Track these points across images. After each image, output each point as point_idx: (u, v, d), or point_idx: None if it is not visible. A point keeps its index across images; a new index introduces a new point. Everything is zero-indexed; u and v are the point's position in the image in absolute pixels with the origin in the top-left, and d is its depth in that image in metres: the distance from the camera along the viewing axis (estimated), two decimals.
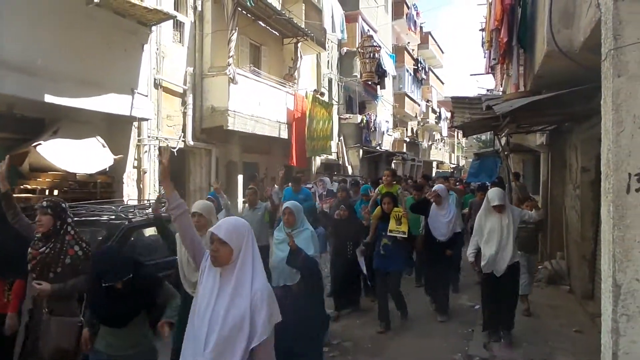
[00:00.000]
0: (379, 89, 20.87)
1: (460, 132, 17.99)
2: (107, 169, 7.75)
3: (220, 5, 10.38)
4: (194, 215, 3.94)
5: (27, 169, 6.85)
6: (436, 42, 34.14)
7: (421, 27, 30.18)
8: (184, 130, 9.97)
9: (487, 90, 17.77)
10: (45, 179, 6.79)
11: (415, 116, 27.83)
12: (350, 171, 18.15)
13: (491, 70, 12.31)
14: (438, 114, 32.89)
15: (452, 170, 39.43)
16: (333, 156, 17.29)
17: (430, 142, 34.03)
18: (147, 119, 8.74)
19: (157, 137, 9.20)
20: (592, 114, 5.30)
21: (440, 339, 5.53)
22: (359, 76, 18.86)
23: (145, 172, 8.85)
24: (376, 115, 20.75)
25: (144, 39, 8.46)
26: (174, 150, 9.59)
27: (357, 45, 18.69)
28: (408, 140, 26.99)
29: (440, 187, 6.44)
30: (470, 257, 5.27)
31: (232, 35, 10.05)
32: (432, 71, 33.25)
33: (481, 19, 14.43)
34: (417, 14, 27.72)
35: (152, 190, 9.02)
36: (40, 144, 6.67)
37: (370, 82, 19.48)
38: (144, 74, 8.52)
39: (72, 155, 6.99)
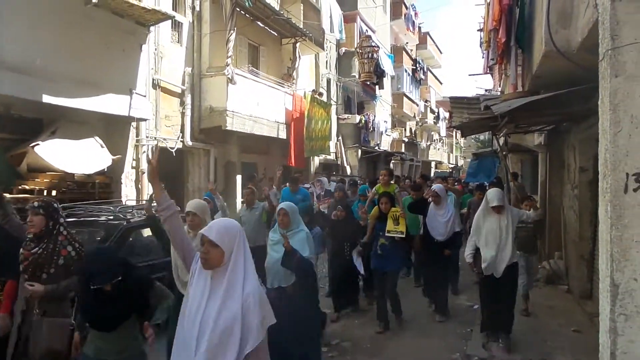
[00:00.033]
0: (378, 89, 20.88)
1: (459, 132, 18.00)
2: (106, 170, 7.74)
3: (218, 5, 10.38)
4: (188, 214, 3.92)
5: (25, 170, 6.84)
6: (434, 43, 34.18)
7: (419, 28, 30.21)
8: (182, 131, 9.96)
9: (485, 90, 17.80)
10: (44, 180, 6.78)
11: (414, 116, 27.85)
12: (349, 171, 18.16)
13: (489, 70, 12.33)
14: (436, 114, 32.92)
15: (450, 170, 39.48)
16: (332, 156, 17.29)
17: (429, 142, 34.05)
18: (145, 119, 8.73)
19: (155, 138, 9.19)
20: (590, 114, 5.30)
21: (439, 338, 5.53)
22: (357, 76, 18.87)
23: (144, 173, 8.83)
24: (375, 116, 20.76)
25: (142, 39, 8.45)
26: (173, 150, 9.60)
27: (355, 46, 18.69)
28: (406, 140, 27.00)
29: (438, 186, 6.44)
30: (468, 257, 5.23)
31: (231, 36, 10.05)
32: (431, 71, 33.29)
33: (479, 19, 14.45)
34: (416, 14, 27.74)
35: (150, 190, 8.99)
36: (38, 144, 6.66)
37: (368, 82, 19.48)
38: (142, 74, 8.52)
39: (70, 155, 6.98)
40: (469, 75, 45.54)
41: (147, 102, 8.72)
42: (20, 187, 6.64)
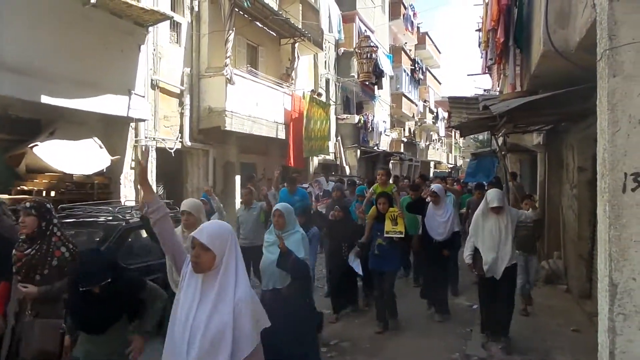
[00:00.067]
0: (377, 89, 20.88)
1: (458, 132, 18.03)
2: (104, 170, 7.73)
3: (217, 5, 10.37)
4: (182, 213, 3.88)
5: (24, 170, 6.83)
6: (433, 43, 34.20)
7: (418, 28, 30.23)
8: (181, 131, 9.95)
9: (484, 90, 17.83)
10: (42, 180, 6.77)
11: (413, 116, 27.87)
12: (348, 171, 18.16)
13: (488, 70, 12.35)
14: (435, 114, 32.93)
15: (449, 170, 39.50)
16: (331, 156, 17.30)
17: (428, 142, 34.07)
18: (144, 120, 8.72)
19: (154, 138, 9.18)
20: (588, 113, 5.30)
21: (438, 338, 5.53)
22: (356, 76, 18.88)
23: None
24: (374, 116, 20.76)
25: (141, 40, 8.44)
26: (172, 151, 9.60)
27: (354, 46, 18.70)
28: (405, 140, 27.01)
29: (437, 186, 6.41)
30: (468, 259, 5.18)
31: (229, 36, 10.05)
32: (430, 71, 33.31)
33: (478, 19, 14.47)
34: (414, 14, 27.76)
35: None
36: (36, 145, 6.65)
37: (367, 83, 19.50)
38: (141, 75, 8.51)
39: (69, 156, 6.97)
40: (468, 75, 45.57)
41: (146, 102, 8.71)
42: (19, 188, 6.63)
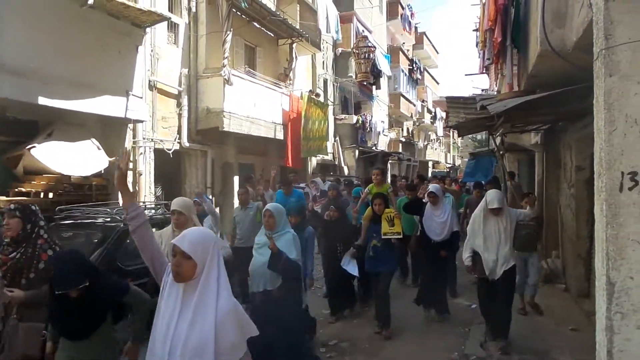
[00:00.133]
0: (375, 89, 20.91)
1: (456, 132, 18.05)
2: (102, 171, 7.72)
3: (214, 6, 10.37)
4: (173, 213, 3.74)
5: (22, 172, 6.82)
6: (431, 43, 34.23)
7: (416, 28, 30.26)
8: (179, 132, 9.95)
9: (481, 90, 17.87)
10: (40, 182, 6.75)
11: (411, 116, 27.90)
12: (346, 171, 18.17)
13: (485, 70, 12.36)
14: (433, 114, 32.97)
15: (448, 170, 39.52)
16: (329, 157, 17.30)
17: (426, 142, 34.10)
18: (142, 121, 8.71)
19: (152, 139, 9.18)
20: (585, 113, 5.32)
21: (437, 338, 5.53)
22: (354, 77, 18.89)
23: (141, 174, 8.82)
24: (372, 116, 20.78)
25: (138, 41, 8.43)
26: (170, 152, 9.59)
27: (352, 46, 18.72)
28: (404, 140, 27.04)
29: (435, 186, 6.36)
30: (467, 261, 5.13)
31: (227, 37, 10.05)
32: (427, 71, 33.35)
33: (475, 19, 14.48)
34: (412, 14, 27.77)
35: (147, 192, 9.00)
36: (34, 146, 6.64)
37: (365, 83, 19.52)
38: (139, 76, 8.50)
39: (67, 157, 6.96)
40: (466, 75, 45.71)
41: (144, 103, 8.70)
42: (16, 190, 6.62)
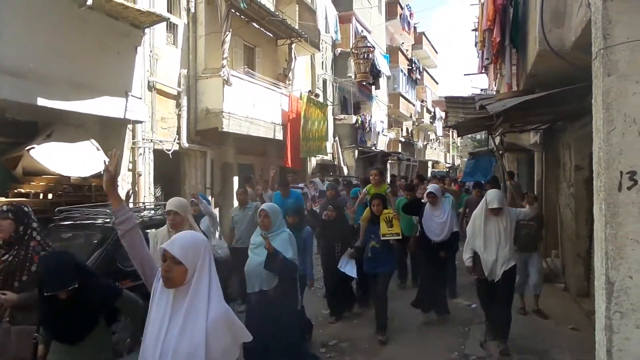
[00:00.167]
0: (374, 89, 20.91)
1: (455, 132, 18.06)
2: (102, 172, 7.69)
3: (213, 7, 10.36)
4: (169, 213, 3.70)
5: (21, 173, 6.81)
6: (430, 43, 34.25)
7: (415, 28, 30.28)
8: (178, 133, 9.94)
9: (480, 89, 17.89)
10: (39, 183, 6.74)
11: (410, 116, 27.91)
12: (346, 172, 18.17)
13: (484, 70, 12.38)
14: (433, 113, 32.99)
15: (447, 170, 39.53)
16: (328, 157, 17.30)
17: (425, 142, 34.11)
18: (141, 122, 8.70)
19: (151, 140, 9.18)
20: (584, 112, 5.32)
21: (437, 338, 5.53)
22: (353, 77, 18.89)
23: (140, 175, 8.82)
24: (371, 116, 20.78)
25: (137, 42, 8.43)
26: (169, 152, 9.58)
27: (351, 46, 18.72)
28: (403, 140, 27.06)
29: (434, 186, 6.30)
30: (468, 262, 5.11)
31: (226, 37, 10.04)
32: (427, 71, 33.37)
33: (474, 19, 14.49)
34: (411, 14, 27.80)
35: (147, 193, 9.00)
36: (33, 147, 6.63)
37: (364, 83, 19.52)
38: (138, 77, 8.49)
39: (66, 158, 6.95)
40: (465, 75, 45.70)
41: (143, 104, 8.70)
42: (16, 191, 6.61)
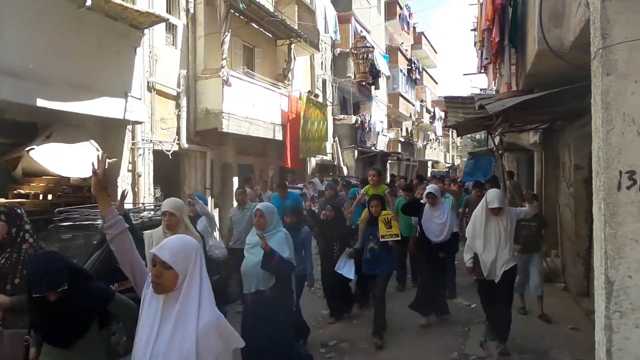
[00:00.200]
0: (373, 89, 20.92)
1: (455, 132, 18.07)
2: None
3: (212, 7, 10.36)
4: (164, 214, 3.64)
5: (20, 174, 6.81)
6: (429, 42, 34.26)
7: (414, 28, 30.31)
8: (178, 133, 9.94)
9: (480, 89, 17.90)
10: (39, 184, 6.74)
11: (410, 116, 27.92)
12: (345, 172, 18.18)
13: (484, 69, 12.37)
14: (432, 113, 33.00)
15: (447, 169, 39.54)
16: (328, 157, 17.30)
17: (425, 142, 34.12)
18: (140, 122, 8.70)
19: (151, 140, 9.18)
20: (583, 112, 5.32)
21: (437, 338, 5.54)
22: (352, 77, 18.89)
23: (140, 176, 8.82)
24: (370, 116, 20.79)
25: (137, 42, 8.42)
26: (169, 153, 9.58)
27: (350, 46, 18.73)
28: (403, 140, 27.07)
29: (433, 187, 6.27)
30: (469, 262, 5.09)
31: (225, 38, 10.04)
32: (426, 71, 33.39)
33: (473, 18, 14.49)
34: (410, 14, 27.81)
35: (147, 193, 9.00)
36: (33, 148, 6.63)
37: (364, 83, 19.53)
38: (137, 77, 8.49)
39: (66, 159, 6.95)
40: (464, 74, 45.86)
41: (143, 105, 8.70)
42: (15, 192, 6.61)
